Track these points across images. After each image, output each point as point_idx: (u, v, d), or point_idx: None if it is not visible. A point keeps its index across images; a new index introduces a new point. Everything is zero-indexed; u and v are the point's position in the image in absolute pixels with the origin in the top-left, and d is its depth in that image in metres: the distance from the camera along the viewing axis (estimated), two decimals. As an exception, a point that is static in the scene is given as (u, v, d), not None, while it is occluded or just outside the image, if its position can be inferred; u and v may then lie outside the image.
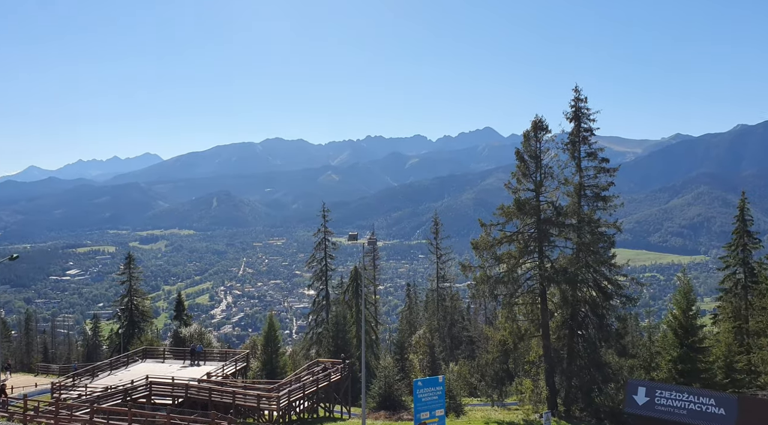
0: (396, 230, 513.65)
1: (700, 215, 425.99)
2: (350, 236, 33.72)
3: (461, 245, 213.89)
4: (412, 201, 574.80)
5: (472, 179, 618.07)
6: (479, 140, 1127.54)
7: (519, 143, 41.22)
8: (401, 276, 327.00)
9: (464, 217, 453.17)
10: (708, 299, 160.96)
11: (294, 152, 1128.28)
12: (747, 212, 55.38)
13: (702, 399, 25.86)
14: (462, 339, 70.20)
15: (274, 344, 55.86)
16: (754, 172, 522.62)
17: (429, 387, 26.69)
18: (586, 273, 40.49)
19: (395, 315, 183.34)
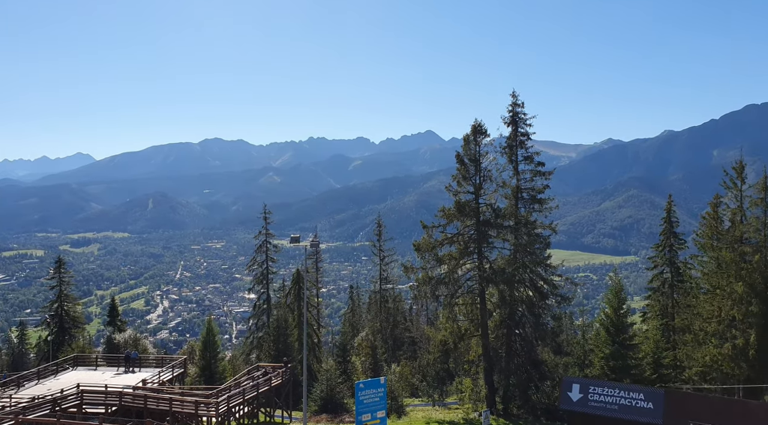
0: (339, 233, 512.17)
1: (630, 218, 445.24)
2: (292, 238, 33.45)
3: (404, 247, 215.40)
4: (355, 203, 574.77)
5: (415, 182, 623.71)
6: (421, 142, 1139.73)
7: (459, 146, 41.99)
8: (344, 278, 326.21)
9: (407, 219, 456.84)
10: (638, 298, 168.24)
11: (234, 152, 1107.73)
12: (673, 214, 58.23)
13: (632, 394, 27.04)
14: (404, 340, 70.67)
15: (212, 349, 54.62)
16: (679, 176, 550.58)
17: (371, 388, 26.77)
18: (523, 273, 41.62)
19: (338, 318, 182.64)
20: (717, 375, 45.68)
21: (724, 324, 45.33)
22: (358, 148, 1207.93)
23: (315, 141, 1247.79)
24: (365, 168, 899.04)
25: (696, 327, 47.74)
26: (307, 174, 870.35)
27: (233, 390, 39.61)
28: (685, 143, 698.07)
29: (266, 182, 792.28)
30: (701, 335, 46.79)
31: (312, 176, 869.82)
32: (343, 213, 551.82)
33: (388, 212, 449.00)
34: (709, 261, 49.24)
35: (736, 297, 44.17)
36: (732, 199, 47.29)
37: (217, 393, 39.11)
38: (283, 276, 74.97)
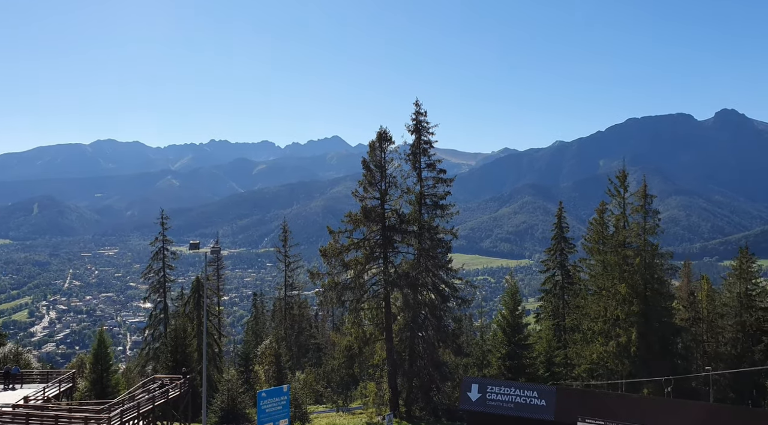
0: (243, 238, 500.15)
1: (525, 223, 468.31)
2: (191, 244, 32.36)
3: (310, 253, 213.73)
4: (259, 208, 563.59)
5: (321, 187, 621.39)
6: (328, 148, 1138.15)
7: (366, 152, 42.41)
8: (248, 286, 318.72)
9: (313, 224, 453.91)
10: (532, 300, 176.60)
11: (129, 154, 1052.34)
12: (564, 220, 61.94)
13: (527, 392, 28.36)
14: (309, 346, 70.11)
15: (104, 361, 51.50)
16: (569, 184, 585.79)
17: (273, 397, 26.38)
18: (426, 277, 42.65)
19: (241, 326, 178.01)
20: (603, 371, 48.96)
21: (610, 323, 48.68)
22: (263, 152, 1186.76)
23: (217, 144, 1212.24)
24: (270, 172, 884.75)
25: (584, 326, 50.93)
26: (208, 178, 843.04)
27: (127, 404, 37.56)
28: (574, 153, 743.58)
29: (164, 186, 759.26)
30: (589, 334, 49.97)
31: (214, 180, 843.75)
32: (247, 219, 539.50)
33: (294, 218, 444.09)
34: (595, 264, 52.75)
35: (619, 298, 47.60)
36: (616, 206, 50.96)
37: (109, 408, 36.92)
38: (181, 284, 72.15)
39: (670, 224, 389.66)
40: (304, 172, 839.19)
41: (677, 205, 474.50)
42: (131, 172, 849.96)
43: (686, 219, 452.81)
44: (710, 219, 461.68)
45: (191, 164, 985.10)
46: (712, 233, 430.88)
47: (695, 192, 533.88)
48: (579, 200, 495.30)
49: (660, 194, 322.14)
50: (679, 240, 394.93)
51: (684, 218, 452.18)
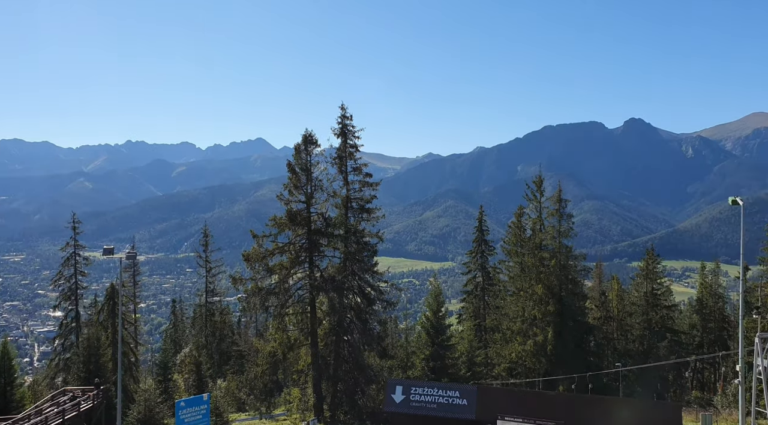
0: (161, 243, 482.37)
1: (448, 226, 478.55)
2: (105, 249, 30.96)
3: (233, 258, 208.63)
4: (179, 212, 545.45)
5: (245, 190, 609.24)
6: (252, 150, 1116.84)
7: (291, 155, 42.03)
8: (166, 292, 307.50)
9: (236, 228, 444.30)
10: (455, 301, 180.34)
11: (37, 155, 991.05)
12: (484, 223, 63.87)
13: (449, 392, 28.95)
14: (231, 353, 68.57)
15: (8, 374, 48.15)
16: (490, 189, 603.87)
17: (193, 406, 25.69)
18: (352, 281, 42.74)
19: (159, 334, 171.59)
20: (521, 369, 50.79)
21: (527, 322, 50.56)
22: (183, 153, 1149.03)
23: (133, 145, 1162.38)
24: (190, 175, 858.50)
25: (504, 326, 52.65)
26: (124, 180, 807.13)
27: (33, 419, 35.39)
28: (494, 159, 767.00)
29: (76, 189, 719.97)
30: (508, 333, 51.71)
31: (130, 182, 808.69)
32: (166, 222, 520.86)
33: (215, 222, 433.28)
34: (514, 266, 54.68)
35: (536, 298, 49.55)
36: (533, 210, 53.07)
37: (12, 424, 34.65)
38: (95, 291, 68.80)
39: (583, 228, 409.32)
40: (226, 174, 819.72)
41: (590, 209, 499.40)
42: (40, 173, 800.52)
43: (598, 223, 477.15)
44: (620, 223, 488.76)
45: (105, 165, 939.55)
46: (622, 236, 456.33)
47: (606, 197, 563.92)
48: (499, 204, 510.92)
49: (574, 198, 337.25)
50: (592, 243, 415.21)
51: (596, 222, 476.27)
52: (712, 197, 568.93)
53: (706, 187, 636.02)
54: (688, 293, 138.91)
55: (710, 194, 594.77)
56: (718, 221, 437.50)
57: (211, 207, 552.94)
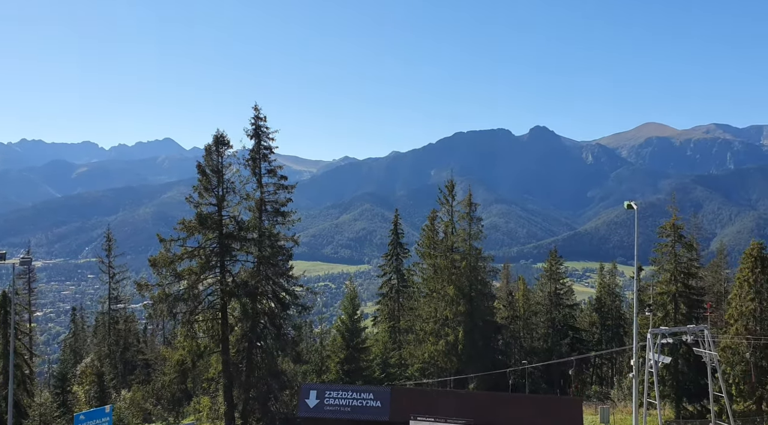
0: (60, 248, 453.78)
1: (365, 229, 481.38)
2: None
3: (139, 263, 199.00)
4: (80, 215, 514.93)
5: (152, 192, 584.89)
6: (159, 150, 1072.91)
7: (201, 156, 40.75)
8: (66, 300, 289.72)
9: (143, 232, 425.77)
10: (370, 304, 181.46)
11: None
12: (399, 226, 64.82)
13: (363, 394, 29.13)
14: (137, 363, 65.62)
15: None
16: (405, 192, 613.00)
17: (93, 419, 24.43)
18: (266, 285, 41.99)
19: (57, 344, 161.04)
20: (434, 369, 51.91)
21: (440, 323, 51.78)
22: (84, 153, 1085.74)
23: (29, 144, 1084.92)
24: (93, 176, 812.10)
25: (417, 327, 53.64)
26: (18, 181, 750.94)
27: None
28: (409, 163, 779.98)
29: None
30: (421, 334, 52.72)
31: (25, 183, 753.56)
32: (65, 226, 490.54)
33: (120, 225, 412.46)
34: (427, 268, 55.90)
35: (448, 299, 50.85)
36: (445, 213, 54.51)
37: None
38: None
39: (492, 230, 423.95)
40: (132, 176, 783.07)
41: (498, 213, 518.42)
42: None
43: (505, 226, 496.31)
44: (526, 226, 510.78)
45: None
46: (528, 238, 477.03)
47: (513, 201, 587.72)
48: (413, 207, 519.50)
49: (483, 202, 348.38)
50: (499, 245, 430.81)
51: (503, 225, 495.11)
52: (610, 201, 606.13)
53: (604, 192, 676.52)
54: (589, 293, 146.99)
55: (608, 198, 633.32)
56: (615, 224, 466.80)
57: (115, 210, 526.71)
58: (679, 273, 50.39)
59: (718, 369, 35.52)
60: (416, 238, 65.03)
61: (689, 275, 51.25)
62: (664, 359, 33.23)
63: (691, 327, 35.18)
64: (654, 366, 33.21)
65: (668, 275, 50.81)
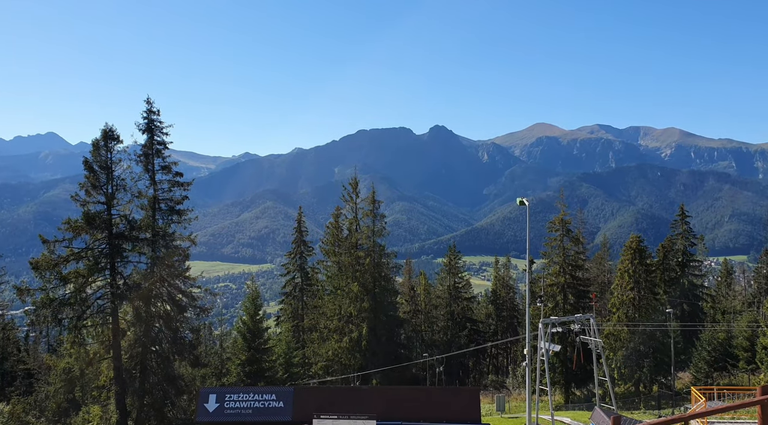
0: None
1: (267, 227, 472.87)
2: None
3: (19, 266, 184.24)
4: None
5: (33, 190, 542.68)
6: (42, 145, 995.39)
7: (88, 151, 38.28)
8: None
9: (23, 233, 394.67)
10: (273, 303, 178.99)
11: None
12: (303, 224, 64.25)
13: (265, 395, 28.60)
14: (17, 373, 60.64)
15: None
16: (308, 190, 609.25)
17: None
18: (161, 288, 40.16)
19: None
20: (338, 366, 51.99)
21: (344, 320, 51.93)
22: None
23: None
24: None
25: (321, 325, 53.50)
26: None
27: None
28: (312, 160, 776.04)
29: None
30: (325, 332, 52.64)
31: None
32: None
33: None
34: (332, 265, 55.86)
35: (353, 296, 51.11)
36: (349, 210, 54.71)
37: None
38: None
39: (395, 227, 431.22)
40: (10, 172, 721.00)
41: (400, 209, 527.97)
42: None
43: (407, 222, 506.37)
44: (426, 222, 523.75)
45: None
46: (428, 234, 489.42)
47: (414, 198, 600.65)
48: (317, 205, 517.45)
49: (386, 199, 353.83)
50: (402, 241, 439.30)
51: (406, 221, 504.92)
52: (504, 198, 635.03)
53: (498, 189, 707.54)
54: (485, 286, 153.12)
55: (502, 195, 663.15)
56: (508, 220, 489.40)
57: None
58: (567, 265, 53.65)
59: (602, 355, 38.17)
60: (320, 236, 64.75)
61: (576, 268, 54.72)
62: (555, 347, 35.22)
63: (579, 316, 37.58)
64: (545, 354, 35.14)
65: (557, 268, 53.98)
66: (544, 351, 35.05)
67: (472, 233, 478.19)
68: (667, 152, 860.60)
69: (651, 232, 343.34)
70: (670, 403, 49.40)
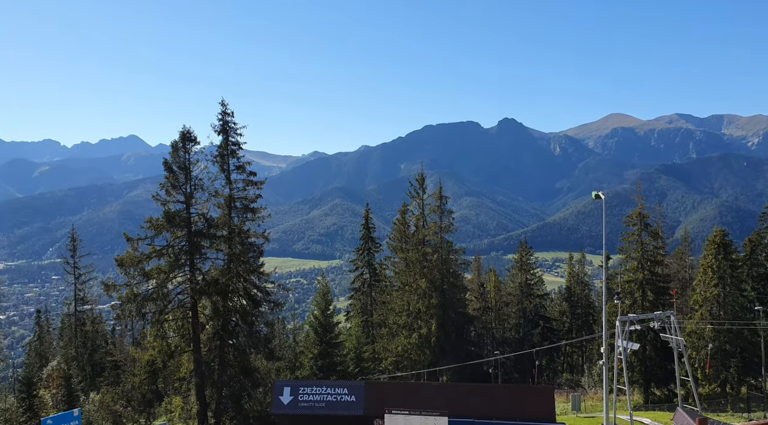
0: (22, 249, 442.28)
1: (335, 224, 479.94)
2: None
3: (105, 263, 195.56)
4: (43, 215, 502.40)
5: (117, 190, 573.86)
6: (124, 148, 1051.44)
7: (168, 153, 40.00)
8: (29, 302, 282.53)
9: (108, 231, 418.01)
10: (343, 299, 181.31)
11: None
12: (371, 221, 64.69)
13: (337, 389, 29.05)
14: (105, 365, 64.37)
15: None
16: (375, 187, 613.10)
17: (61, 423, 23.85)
18: (237, 283, 41.52)
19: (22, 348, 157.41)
20: (407, 362, 52.09)
21: (413, 316, 51.95)
22: (46, 151, 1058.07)
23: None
24: (55, 175, 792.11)
25: (390, 321, 53.72)
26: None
27: None
28: (379, 157, 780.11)
29: None
30: (394, 328, 52.83)
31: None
32: (27, 227, 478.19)
33: (84, 225, 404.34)
34: (399, 261, 55.95)
35: (420, 292, 51.03)
36: (416, 207, 54.60)
37: None
38: (-58, 305, 61.61)
39: (462, 223, 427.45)
40: (96, 174, 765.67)
41: (468, 205, 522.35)
42: None
43: (476, 218, 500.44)
44: (495, 217, 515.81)
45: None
46: (498, 230, 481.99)
47: (483, 193, 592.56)
48: (384, 201, 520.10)
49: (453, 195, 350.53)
50: (470, 237, 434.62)
51: (474, 217, 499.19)
52: (578, 192, 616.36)
53: (572, 182, 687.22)
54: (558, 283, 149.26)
55: (575, 189, 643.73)
56: (583, 215, 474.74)
57: (79, 209, 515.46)
58: (646, 261, 51.46)
59: (684, 354, 36.41)
60: (387, 232, 64.96)
61: (655, 263, 52.38)
62: (633, 345, 33.88)
63: (658, 313, 35.97)
64: (623, 352, 33.88)
65: (635, 263, 51.86)
66: (621, 350, 33.79)
67: (544, 229, 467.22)
68: (755, 140, 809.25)
69: (736, 225, 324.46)
70: (761, 406, 46.59)
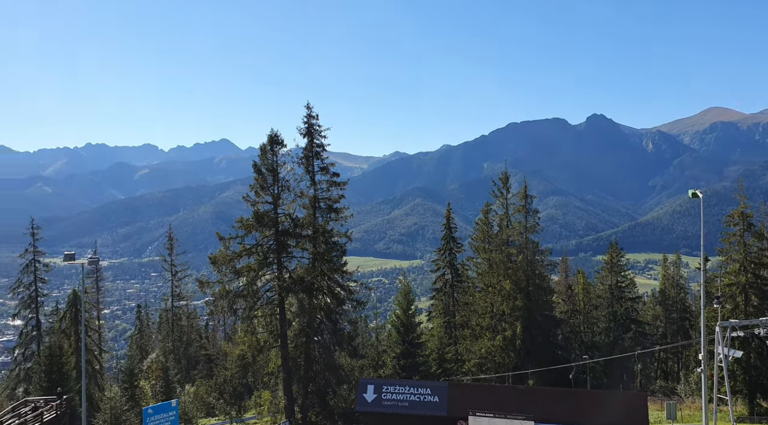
0: (124, 248, 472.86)
1: (416, 224, 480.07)
2: (66, 255, 30.06)
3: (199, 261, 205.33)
4: (142, 215, 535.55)
5: (210, 192, 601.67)
6: (216, 151, 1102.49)
7: (257, 156, 41.51)
8: (131, 297, 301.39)
9: (202, 231, 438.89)
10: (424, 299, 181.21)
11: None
12: (452, 221, 64.13)
13: (420, 389, 29.03)
14: (200, 358, 67.61)
15: (-34, 388, 46.57)
16: (456, 186, 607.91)
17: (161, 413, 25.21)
18: (322, 281, 42.47)
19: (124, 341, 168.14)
20: (491, 365, 51.21)
21: (496, 318, 51.03)
22: (145, 155, 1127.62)
23: (94, 148, 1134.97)
24: (153, 177, 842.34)
25: (473, 322, 53.01)
26: (84, 184, 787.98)
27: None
28: (460, 157, 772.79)
29: (34, 193, 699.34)
30: (477, 329, 52.08)
31: (91, 186, 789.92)
32: (129, 226, 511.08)
33: (180, 225, 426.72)
34: (482, 262, 55.07)
35: (504, 294, 50.02)
36: (499, 206, 53.54)
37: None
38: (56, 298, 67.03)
39: (549, 223, 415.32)
40: (190, 176, 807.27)
41: (554, 204, 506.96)
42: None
43: (563, 217, 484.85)
44: (584, 217, 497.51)
45: (65, 169, 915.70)
46: (586, 230, 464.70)
47: (570, 192, 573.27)
48: (465, 201, 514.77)
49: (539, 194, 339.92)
50: (557, 238, 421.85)
51: (561, 217, 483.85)
52: (672, 190, 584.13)
53: (666, 180, 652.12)
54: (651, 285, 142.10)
55: (670, 187, 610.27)
56: (678, 214, 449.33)
57: (176, 210, 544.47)
58: (749, 263, 47.98)
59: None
60: (469, 232, 64.16)
61: (760, 265, 48.72)
62: (735, 353, 31.66)
63: (764, 319, 33.42)
64: (724, 360, 31.73)
65: (737, 266, 48.46)
66: (722, 357, 31.66)
67: (636, 229, 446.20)
68: None
69: None
70: None
